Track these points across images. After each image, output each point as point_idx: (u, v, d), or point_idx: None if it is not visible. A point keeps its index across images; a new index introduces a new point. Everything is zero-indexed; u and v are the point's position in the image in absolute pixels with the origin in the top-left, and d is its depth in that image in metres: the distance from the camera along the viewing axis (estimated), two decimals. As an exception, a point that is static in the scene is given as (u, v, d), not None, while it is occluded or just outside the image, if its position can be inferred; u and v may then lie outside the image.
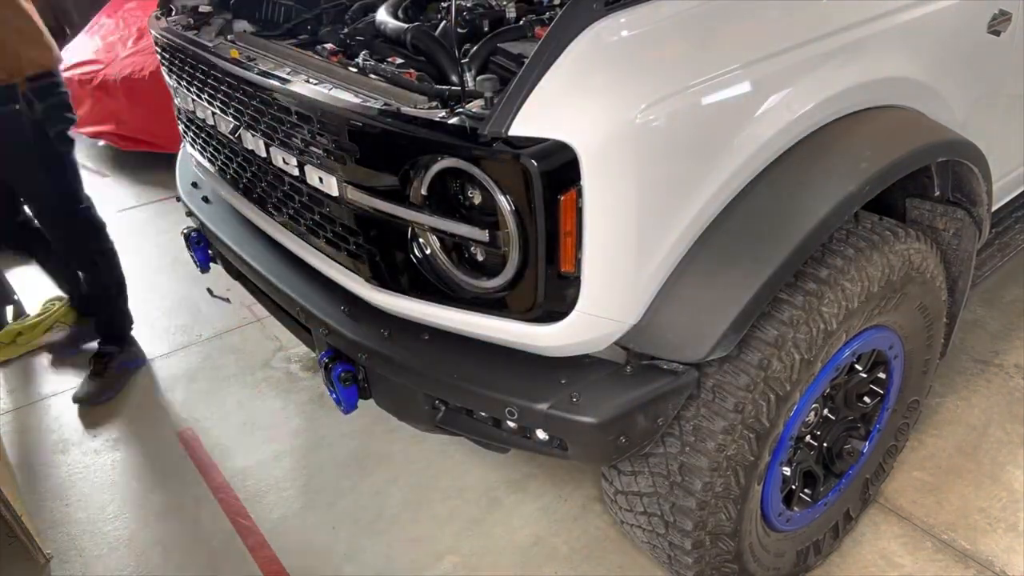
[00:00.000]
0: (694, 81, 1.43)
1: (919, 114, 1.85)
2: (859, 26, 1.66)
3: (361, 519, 2.39)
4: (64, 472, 2.66)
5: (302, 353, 3.14)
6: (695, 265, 1.51)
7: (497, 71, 1.68)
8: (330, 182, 1.62)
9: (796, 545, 2.03)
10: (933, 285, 1.91)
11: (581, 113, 1.34)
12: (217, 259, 2.36)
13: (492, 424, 1.62)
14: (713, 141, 1.48)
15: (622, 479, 1.79)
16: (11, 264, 3.93)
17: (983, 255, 2.38)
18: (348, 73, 1.70)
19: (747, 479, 1.68)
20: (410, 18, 2.05)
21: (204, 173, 2.30)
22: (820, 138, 1.62)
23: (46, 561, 2.31)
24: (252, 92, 1.75)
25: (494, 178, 1.36)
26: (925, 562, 2.14)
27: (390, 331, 1.68)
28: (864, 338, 1.82)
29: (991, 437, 2.51)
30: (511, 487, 2.45)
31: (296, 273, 1.92)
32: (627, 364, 1.55)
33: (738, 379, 1.56)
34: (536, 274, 1.42)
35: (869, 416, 2.04)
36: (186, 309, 3.52)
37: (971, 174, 1.93)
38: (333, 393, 1.78)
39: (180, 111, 2.30)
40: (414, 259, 1.58)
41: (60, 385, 3.07)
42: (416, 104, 1.49)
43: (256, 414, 2.84)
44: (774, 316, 1.58)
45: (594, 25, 1.37)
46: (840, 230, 1.69)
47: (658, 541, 1.82)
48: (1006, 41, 2.03)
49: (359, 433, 2.70)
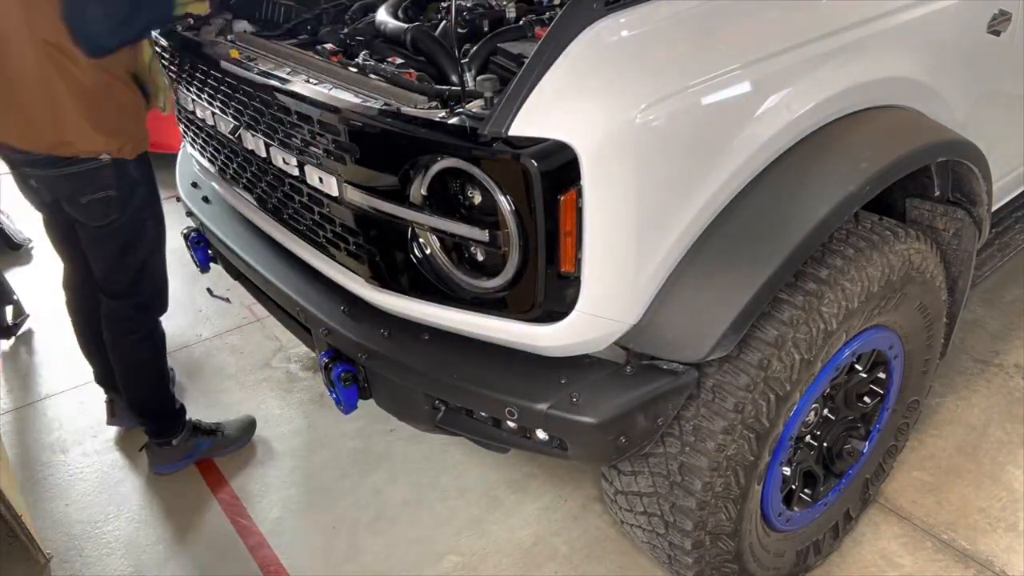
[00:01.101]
0: (694, 81, 1.43)
1: (919, 114, 1.85)
2: (859, 26, 1.66)
3: (361, 519, 2.39)
4: (64, 472, 2.65)
5: (302, 353, 3.14)
6: (695, 265, 1.51)
7: (497, 71, 1.68)
8: (330, 182, 1.62)
9: (796, 545, 2.03)
10: (933, 285, 1.91)
11: (581, 113, 1.34)
12: (217, 259, 2.36)
13: (492, 424, 1.62)
14: (713, 141, 1.48)
15: (622, 479, 1.79)
16: (11, 264, 3.93)
17: (983, 255, 2.38)
18: (348, 73, 1.70)
19: (747, 479, 1.68)
20: (410, 18, 2.06)
21: (204, 173, 2.30)
22: (820, 138, 1.62)
23: (46, 561, 2.31)
24: (252, 92, 1.75)
25: (494, 178, 1.36)
26: (925, 562, 2.14)
27: (390, 331, 1.68)
28: (864, 338, 1.82)
29: (991, 437, 2.51)
30: (511, 487, 2.45)
31: (296, 273, 1.92)
32: (627, 364, 1.55)
33: (738, 379, 1.56)
34: (536, 274, 1.42)
35: (869, 416, 2.04)
36: (186, 309, 3.52)
37: (971, 174, 1.93)
38: (333, 393, 1.78)
39: (180, 111, 2.30)
40: (414, 259, 1.57)
41: (60, 385, 3.07)
42: (416, 104, 1.50)
43: (256, 414, 2.84)
44: (774, 316, 1.57)
45: (594, 25, 1.37)
46: (840, 230, 1.69)
47: (658, 541, 1.82)
48: (1006, 41, 2.03)
49: (359, 433, 2.70)
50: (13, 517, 2.23)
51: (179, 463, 2.59)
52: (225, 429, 2.67)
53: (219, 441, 2.64)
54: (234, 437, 2.68)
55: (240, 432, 2.70)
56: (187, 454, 2.59)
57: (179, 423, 2.57)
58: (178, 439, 2.56)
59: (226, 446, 2.66)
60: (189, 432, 2.59)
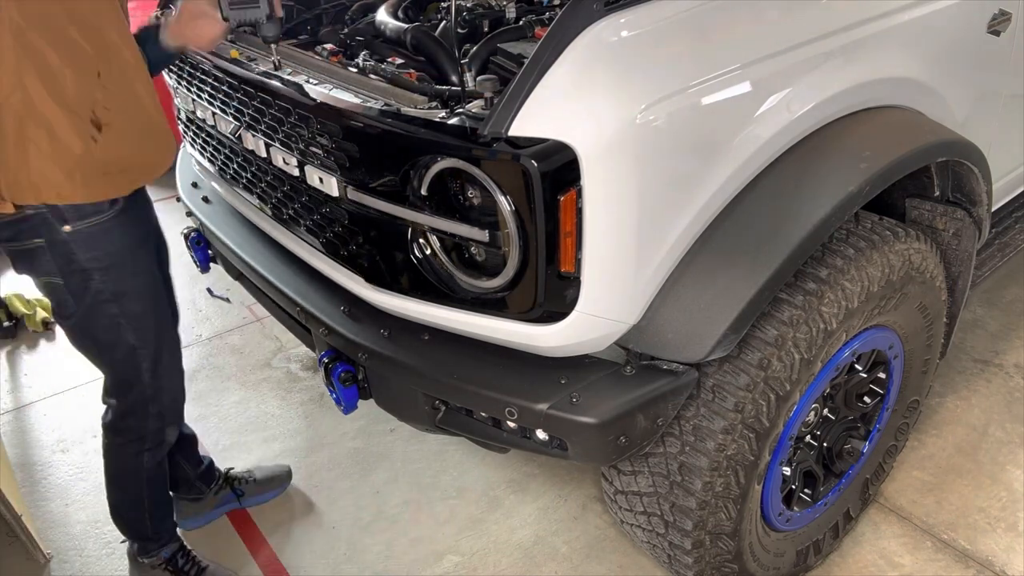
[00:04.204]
0: (694, 81, 1.43)
1: (919, 114, 1.85)
2: (859, 26, 1.66)
3: (361, 519, 2.39)
4: (64, 472, 2.66)
5: (302, 353, 3.14)
6: (695, 265, 1.51)
7: (497, 71, 1.68)
8: (330, 182, 1.62)
9: (796, 545, 2.03)
10: (933, 285, 1.91)
11: (581, 113, 1.34)
12: (217, 259, 2.36)
13: (492, 424, 1.62)
14: (713, 141, 1.48)
15: (622, 479, 1.79)
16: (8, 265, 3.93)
17: (983, 255, 2.38)
18: (348, 73, 1.70)
19: (747, 479, 1.68)
20: (410, 18, 2.06)
21: (204, 173, 2.30)
22: (820, 138, 1.62)
23: (46, 561, 2.31)
24: (252, 92, 1.75)
25: (494, 178, 1.36)
26: (925, 562, 2.14)
27: (390, 331, 1.68)
28: (864, 338, 1.82)
29: (991, 437, 2.51)
30: (511, 487, 2.45)
31: (296, 273, 1.92)
32: (627, 364, 1.55)
33: (738, 379, 1.56)
34: (536, 274, 1.42)
35: (869, 416, 2.04)
36: (186, 309, 3.52)
37: (971, 174, 1.93)
38: (333, 393, 1.78)
39: (180, 111, 2.30)
40: (414, 259, 1.57)
41: (61, 385, 3.07)
42: (416, 104, 1.50)
43: (256, 414, 2.84)
44: (774, 316, 1.58)
45: (594, 25, 1.37)
46: (840, 230, 1.69)
47: (658, 541, 1.82)
48: (1006, 41, 2.03)
49: (359, 433, 2.70)
50: (13, 517, 2.24)
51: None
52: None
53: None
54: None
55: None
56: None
57: (152, 548, 2.14)
58: (147, 561, 2.14)
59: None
60: (161, 561, 2.14)
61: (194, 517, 2.38)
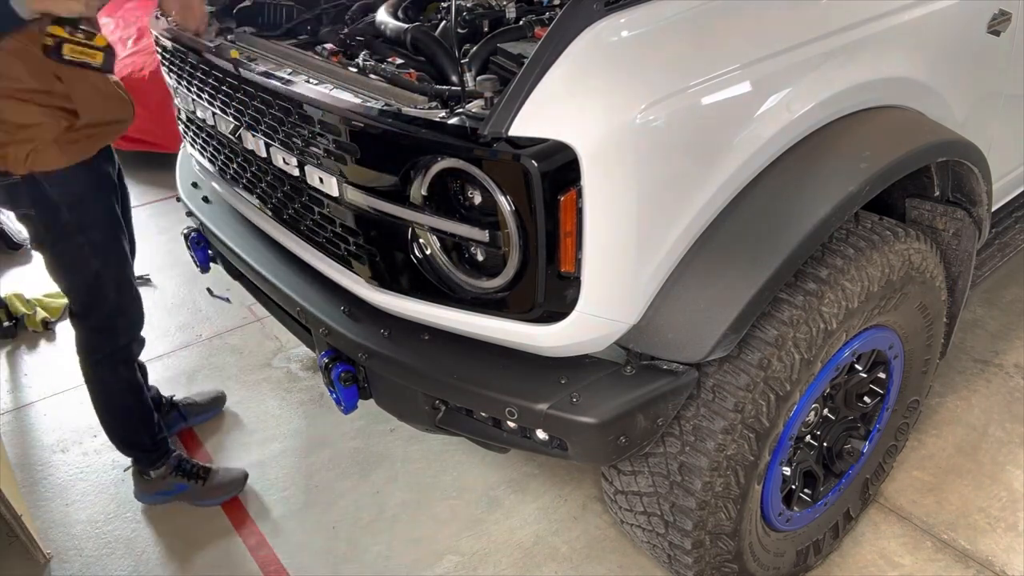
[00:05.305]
0: (694, 81, 1.43)
1: (919, 114, 1.85)
2: (859, 26, 1.66)
3: (361, 519, 2.39)
4: (64, 472, 2.66)
5: (302, 353, 3.14)
6: (695, 265, 1.51)
7: (497, 71, 1.68)
8: (330, 182, 1.62)
9: (796, 545, 2.03)
10: (933, 285, 1.91)
11: (581, 113, 1.34)
12: (217, 259, 2.36)
13: (492, 424, 1.62)
14: (713, 141, 1.48)
15: (622, 479, 1.79)
16: (11, 264, 3.94)
17: (983, 255, 2.38)
18: (348, 73, 1.70)
19: (747, 479, 1.68)
20: (410, 18, 2.06)
21: (204, 173, 2.30)
22: (820, 138, 1.62)
23: (46, 561, 2.31)
24: (252, 92, 1.75)
25: (494, 178, 1.36)
26: (925, 562, 2.15)
27: (390, 331, 1.68)
28: (864, 338, 1.83)
29: (991, 437, 2.52)
30: (511, 487, 2.45)
31: (296, 273, 1.92)
32: (627, 364, 1.55)
33: (738, 379, 1.56)
34: (536, 274, 1.42)
35: (869, 416, 2.04)
36: (186, 309, 3.52)
37: (971, 174, 1.93)
38: (333, 393, 1.78)
39: (180, 111, 2.30)
40: (414, 259, 1.58)
41: (61, 385, 3.07)
42: (416, 104, 1.50)
43: (256, 414, 2.84)
44: (774, 316, 1.58)
45: (594, 25, 1.37)
46: (840, 230, 1.69)
47: (658, 541, 1.82)
48: (1006, 41, 2.03)
49: (359, 433, 2.70)
50: (13, 517, 2.24)
51: (152, 496, 2.46)
52: (214, 477, 2.47)
53: (197, 490, 2.44)
54: (217, 487, 2.46)
55: (228, 485, 2.48)
56: (161, 491, 2.44)
57: (156, 458, 2.41)
58: (156, 473, 2.42)
59: (206, 496, 2.45)
60: (171, 469, 2.43)
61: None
